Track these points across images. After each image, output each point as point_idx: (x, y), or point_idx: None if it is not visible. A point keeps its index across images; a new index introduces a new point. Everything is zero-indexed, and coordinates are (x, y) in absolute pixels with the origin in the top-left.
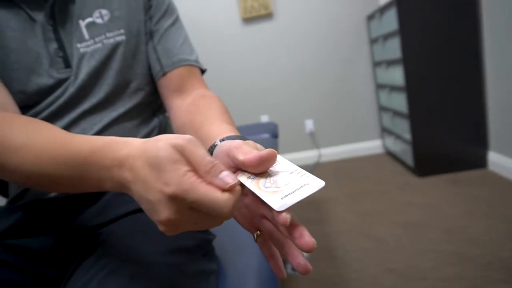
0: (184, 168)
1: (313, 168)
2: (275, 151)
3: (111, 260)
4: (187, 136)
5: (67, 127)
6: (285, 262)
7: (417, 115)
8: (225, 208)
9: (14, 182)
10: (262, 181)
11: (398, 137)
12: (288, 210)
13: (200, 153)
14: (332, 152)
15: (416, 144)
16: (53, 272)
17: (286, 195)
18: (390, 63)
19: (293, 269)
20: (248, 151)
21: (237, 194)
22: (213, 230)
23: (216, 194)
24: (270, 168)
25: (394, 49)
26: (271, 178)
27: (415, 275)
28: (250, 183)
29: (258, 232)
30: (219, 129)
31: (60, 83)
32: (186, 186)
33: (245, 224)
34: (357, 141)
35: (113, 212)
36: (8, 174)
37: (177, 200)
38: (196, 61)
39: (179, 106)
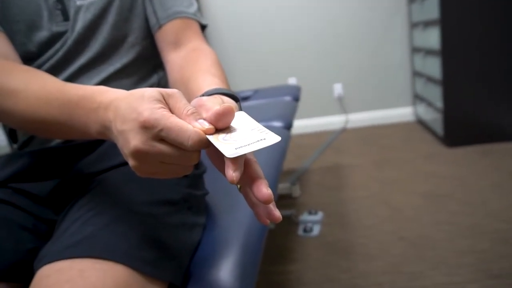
0: (161, 105)
1: (339, 134)
2: (231, 106)
3: (97, 204)
4: (176, 90)
5: (67, 81)
6: (297, 223)
7: (450, 81)
8: (191, 137)
9: (10, 125)
10: (222, 135)
11: (430, 104)
12: (236, 168)
13: (185, 102)
14: (360, 118)
15: (448, 112)
16: (53, 214)
17: (241, 146)
18: (427, 24)
19: (304, 231)
20: (209, 107)
21: (206, 138)
22: (208, 188)
23: (186, 124)
24: (234, 126)
25: (432, 7)
26: (231, 133)
27: (426, 245)
28: (210, 135)
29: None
30: (202, 83)
31: (59, 36)
32: (157, 115)
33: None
34: (387, 107)
35: (108, 162)
36: (4, 117)
37: (148, 128)
38: (194, 14)
39: (173, 60)
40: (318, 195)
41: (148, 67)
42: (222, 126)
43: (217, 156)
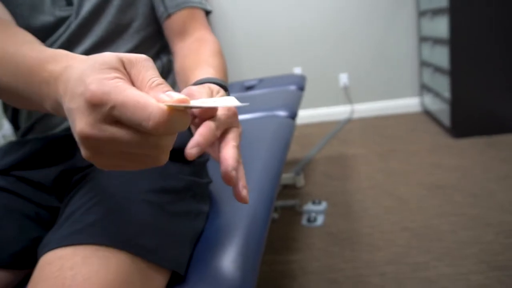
0: (116, 74)
1: (344, 124)
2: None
3: (98, 194)
4: (145, 56)
5: None
6: (301, 213)
7: (459, 71)
8: (153, 115)
9: None
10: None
11: (437, 94)
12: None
13: (151, 72)
14: (365, 109)
15: (455, 102)
16: (57, 201)
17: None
18: (435, 12)
19: (308, 221)
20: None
21: (179, 115)
22: (211, 176)
23: (146, 98)
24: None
25: None
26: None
27: (431, 236)
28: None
29: None
30: (198, 74)
31: (62, 21)
32: (108, 88)
33: (216, 157)
34: (393, 97)
35: None
36: None
37: (96, 106)
38: (200, 2)
39: (179, 50)
40: (322, 185)
41: (151, 53)
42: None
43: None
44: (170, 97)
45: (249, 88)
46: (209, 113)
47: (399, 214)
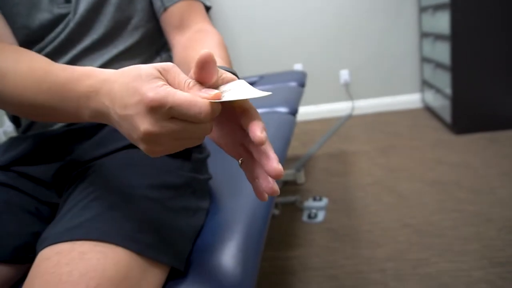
0: (162, 82)
1: (345, 121)
2: (209, 51)
3: (97, 189)
4: (172, 63)
5: (70, 64)
6: (301, 210)
7: (460, 67)
8: (203, 109)
9: (1, 108)
10: (224, 95)
11: (438, 91)
12: (263, 131)
13: (183, 75)
14: (366, 105)
15: (456, 98)
16: (56, 197)
17: (230, 96)
18: (437, 7)
19: (309, 217)
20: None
21: (216, 105)
22: (212, 172)
23: (194, 97)
24: (235, 89)
25: None
26: (231, 94)
27: (432, 232)
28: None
29: (242, 158)
30: None
31: (61, 18)
32: (163, 93)
33: (229, 151)
34: (394, 94)
35: (110, 145)
36: None
37: (156, 109)
38: None
39: (179, 42)
40: (323, 181)
41: (151, 50)
42: (208, 74)
43: (220, 135)
44: (207, 93)
45: (250, 84)
46: (207, 70)
47: (400, 210)
